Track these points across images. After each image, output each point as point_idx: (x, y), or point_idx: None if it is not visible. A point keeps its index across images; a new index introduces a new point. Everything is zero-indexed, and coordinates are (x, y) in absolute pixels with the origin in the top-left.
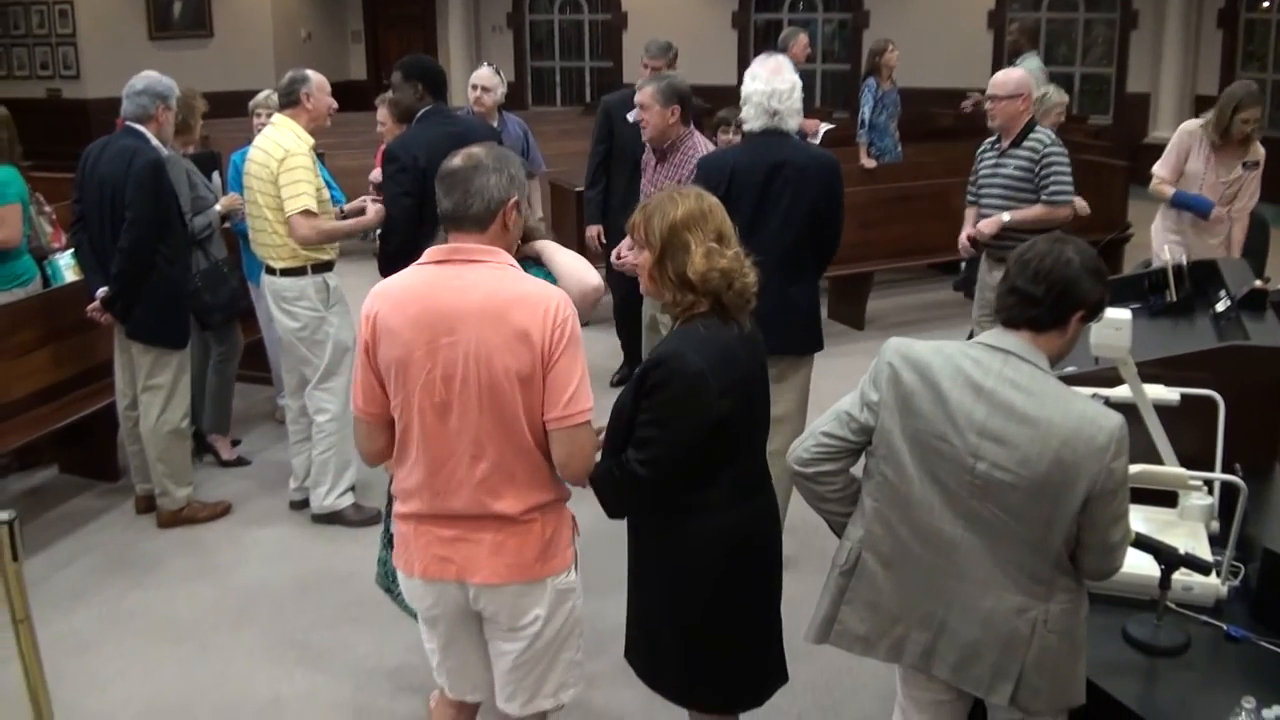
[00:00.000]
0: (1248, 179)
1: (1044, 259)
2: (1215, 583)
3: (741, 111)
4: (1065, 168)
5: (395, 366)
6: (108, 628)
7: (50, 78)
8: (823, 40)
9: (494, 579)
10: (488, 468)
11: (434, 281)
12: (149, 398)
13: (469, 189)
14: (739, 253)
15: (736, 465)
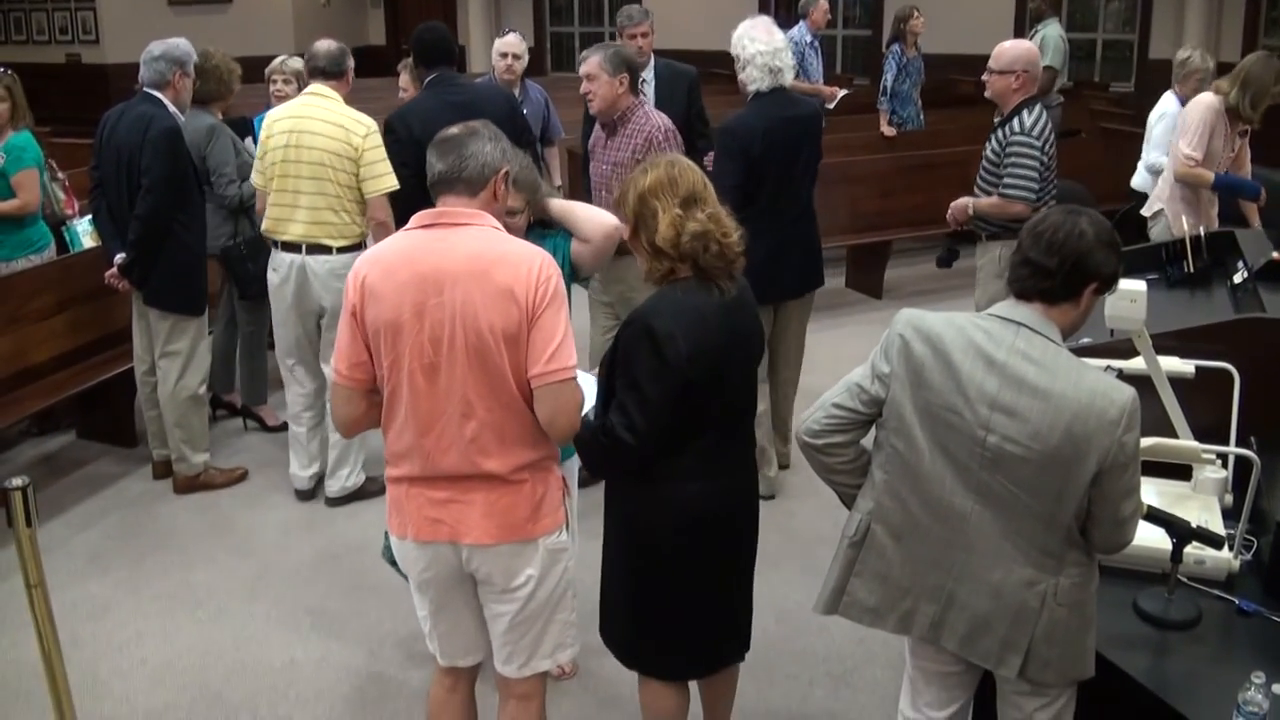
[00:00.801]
0: (1244, 147)
1: (1057, 231)
2: (1227, 556)
3: (742, 74)
4: (1028, 160)
5: (384, 329)
6: (124, 592)
7: (70, 43)
8: (844, 5)
9: (486, 539)
10: (476, 426)
11: (421, 245)
12: (167, 364)
13: (464, 152)
14: (717, 213)
15: (705, 438)
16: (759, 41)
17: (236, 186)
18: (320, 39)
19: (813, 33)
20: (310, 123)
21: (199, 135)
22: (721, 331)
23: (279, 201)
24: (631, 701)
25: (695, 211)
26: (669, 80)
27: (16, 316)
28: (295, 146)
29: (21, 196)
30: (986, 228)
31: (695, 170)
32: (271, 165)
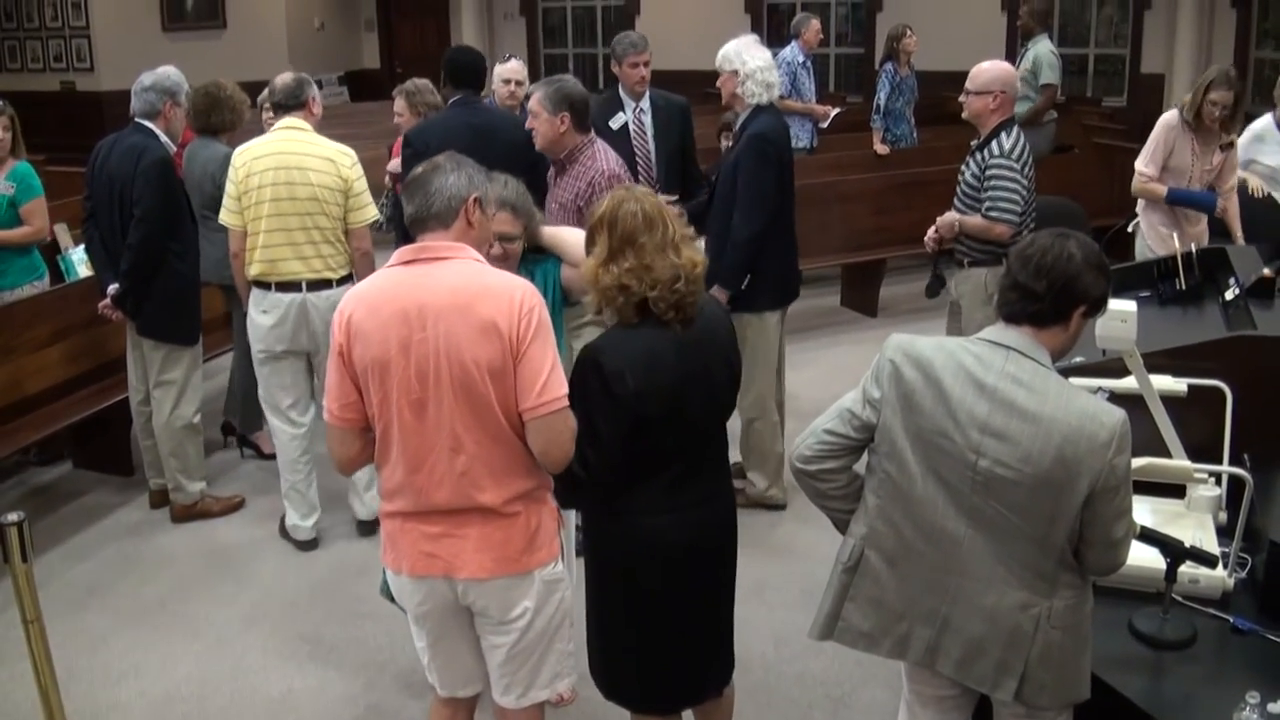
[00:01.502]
0: (1229, 160)
1: (1045, 254)
2: (1222, 575)
3: (741, 88)
4: (1009, 183)
5: (372, 367)
6: (121, 623)
7: (64, 70)
8: (836, 23)
9: (481, 573)
10: (467, 460)
11: (404, 281)
12: (161, 394)
13: (429, 189)
14: (646, 264)
15: (668, 471)
16: (757, 58)
17: None
18: (301, 70)
19: (805, 52)
20: (298, 158)
21: (213, 164)
22: (676, 367)
23: (272, 242)
24: None
25: (620, 262)
26: (666, 110)
27: (12, 346)
28: (287, 184)
29: (34, 224)
30: (969, 253)
31: (640, 214)
32: (258, 205)
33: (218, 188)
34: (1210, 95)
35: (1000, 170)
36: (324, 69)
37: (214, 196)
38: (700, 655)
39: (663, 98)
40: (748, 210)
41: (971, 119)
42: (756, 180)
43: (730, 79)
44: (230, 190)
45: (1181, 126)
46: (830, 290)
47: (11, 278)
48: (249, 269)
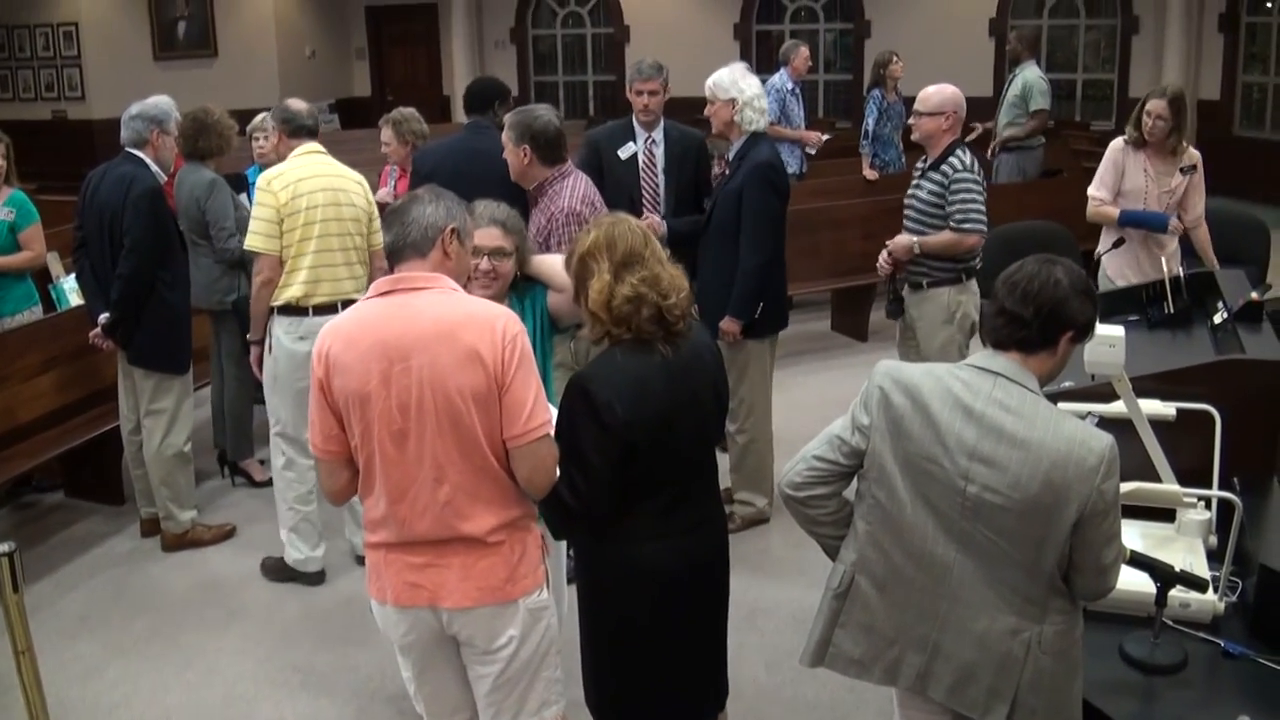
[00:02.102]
0: (1192, 183)
1: (1032, 280)
2: (1212, 599)
3: (738, 116)
4: (974, 194)
5: (352, 400)
6: (113, 653)
7: (55, 99)
8: (824, 50)
9: (466, 602)
10: (450, 490)
11: (382, 313)
12: (152, 422)
13: (405, 220)
14: (654, 275)
15: (657, 499)
16: (752, 86)
17: (236, 240)
18: (293, 97)
19: (794, 80)
20: (340, 180)
21: (200, 189)
22: (665, 394)
23: (322, 263)
24: None
25: (629, 275)
26: (679, 142)
27: (3, 375)
28: (335, 205)
29: (33, 249)
30: (928, 273)
31: (637, 231)
32: (307, 226)
33: (203, 212)
34: (1146, 106)
35: (965, 184)
36: (315, 96)
37: (200, 221)
38: (693, 682)
39: (678, 130)
40: (757, 239)
41: (923, 140)
42: (766, 209)
43: (726, 107)
44: (266, 215)
45: (1129, 147)
46: (820, 315)
47: (11, 305)
48: (285, 292)
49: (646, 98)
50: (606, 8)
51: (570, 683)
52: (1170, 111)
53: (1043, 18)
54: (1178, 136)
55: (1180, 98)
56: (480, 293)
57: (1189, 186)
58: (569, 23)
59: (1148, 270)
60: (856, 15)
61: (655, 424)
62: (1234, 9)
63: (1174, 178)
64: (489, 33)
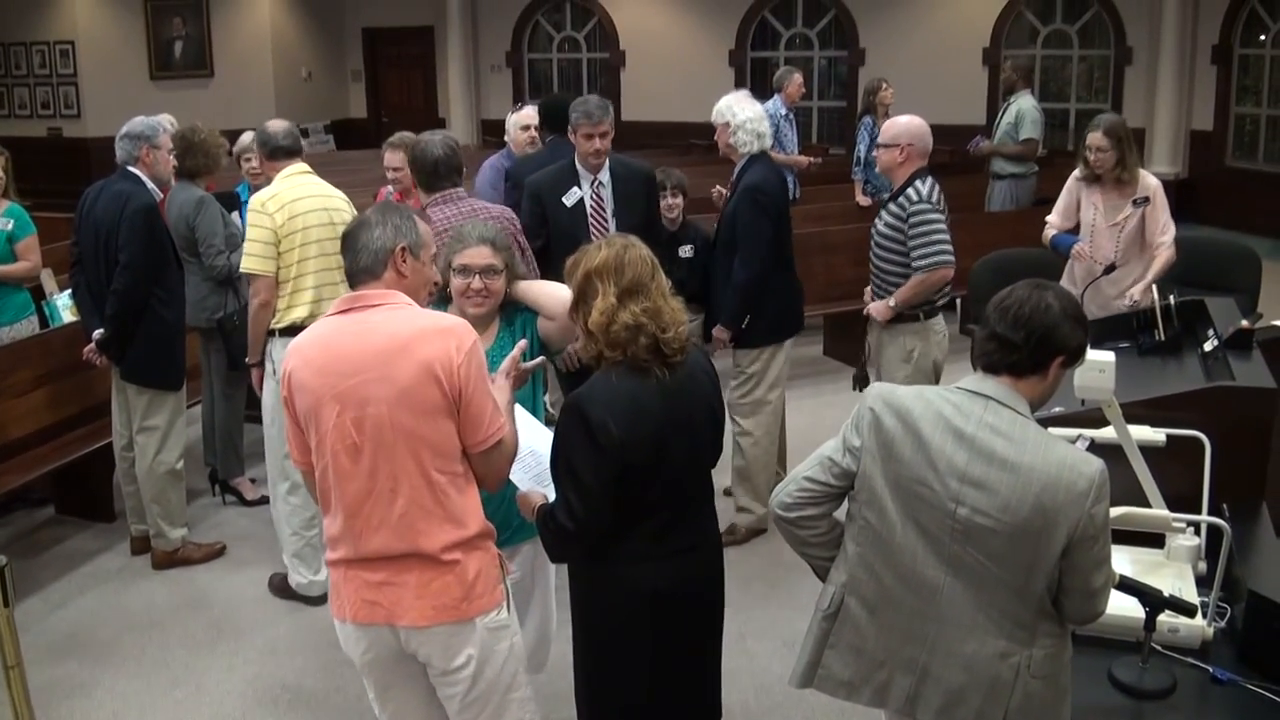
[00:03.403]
0: (1147, 213)
1: (1023, 305)
2: (1201, 625)
3: (732, 139)
4: (933, 226)
5: (309, 415)
6: (101, 670)
7: (51, 117)
8: (818, 77)
9: (422, 621)
10: (404, 504)
11: (338, 329)
12: (144, 439)
13: (355, 246)
14: (657, 307)
15: (652, 520)
16: (747, 110)
17: (225, 257)
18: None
19: (788, 106)
20: (331, 199)
21: (188, 207)
22: (660, 415)
23: (325, 282)
24: None
25: (633, 303)
26: (626, 180)
27: None
28: (330, 225)
29: (31, 259)
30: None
31: (648, 260)
32: (304, 246)
33: (192, 230)
34: (1086, 140)
35: (922, 218)
36: (311, 118)
37: (189, 239)
38: (686, 704)
39: (623, 166)
40: (745, 257)
41: (883, 172)
42: (754, 229)
43: (723, 131)
44: (262, 236)
45: (1083, 184)
46: (813, 340)
47: (9, 314)
48: (289, 314)
49: (599, 141)
50: (602, 33)
51: (564, 703)
52: (1109, 142)
53: (1036, 48)
54: (1123, 166)
55: (1117, 127)
56: (474, 311)
57: (1144, 216)
58: (565, 47)
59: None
60: (851, 43)
61: (650, 445)
62: (1227, 41)
63: (1123, 210)
64: (485, 56)
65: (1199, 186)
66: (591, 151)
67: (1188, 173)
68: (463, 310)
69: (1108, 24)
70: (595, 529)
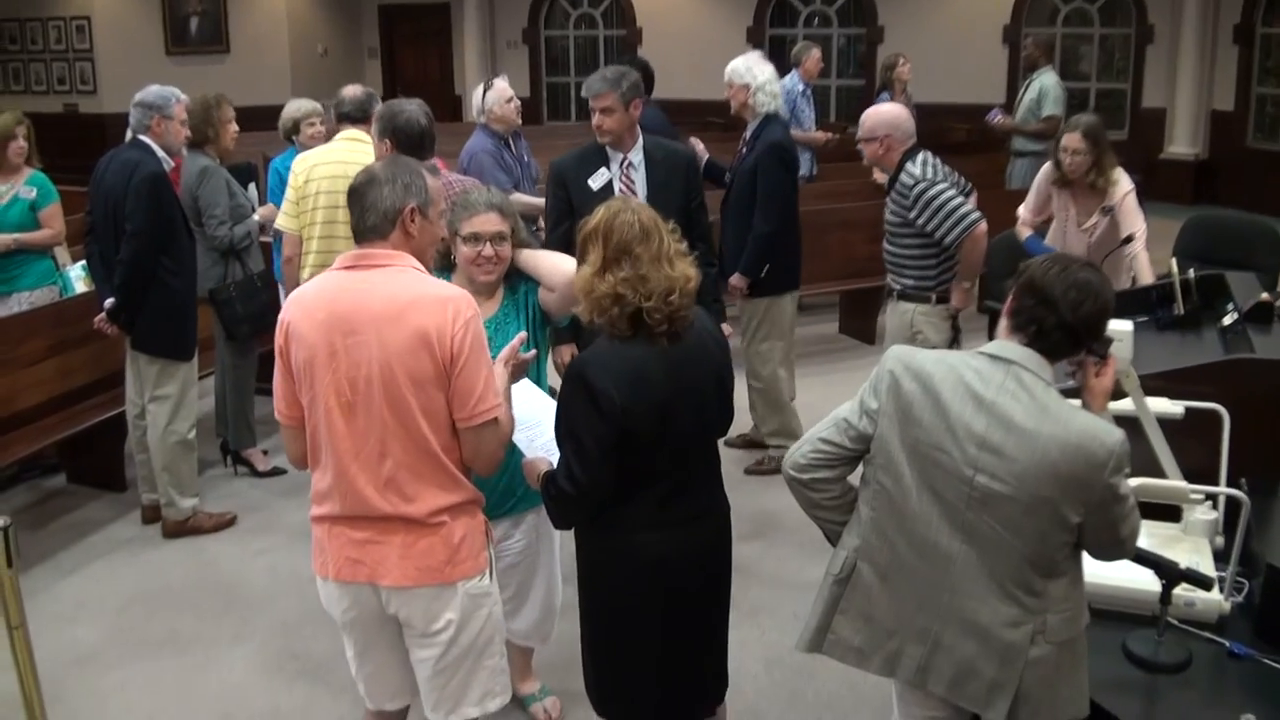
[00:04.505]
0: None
1: (1096, 301)
2: (1218, 599)
3: (752, 99)
4: (942, 198)
5: (304, 369)
6: (110, 638)
7: (68, 92)
8: (837, 56)
9: (404, 581)
10: (393, 466)
11: (341, 285)
12: (156, 408)
13: (364, 204)
14: (641, 275)
15: (656, 488)
16: (764, 72)
17: (227, 228)
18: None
19: (805, 82)
20: (354, 167)
21: (191, 177)
22: (664, 383)
23: (326, 248)
24: None
25: (615, 271)
26: (663, 164)
27: (7, 360)
28: (341, 192)
29: (54, 227)
30: (902, 286)
31: (639, 223)
32: (314, 210)
33: (194, 199)
34: (1062, 142)
35: (925, 193)
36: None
37: (193, 209)
38: (691, 673)
39: (660, 148)
40: (768, 210)
41: (872, 164)
42: (778, 184)
43: (741, 91)
44: (289, 195)
45: (1055, 186)
46: (829, 317)
47: (31, 280)
48: (303, 272)
49: (599, 117)
50: (619, 9)
51: (571, 673)
52: (1087, 144)
53: (1057, 25)
54: (1097, 171)
55: (1095, 129)
56: (484, 278)
57: (1111, 223)
58: (581, 24)
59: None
60: (869, 21)
61: (653, 412)
62: (1249, 21)
63: (1092, 217)
64: (501, 32)
65: (1219, 167)
66: (595, 129)
67: (1208, 153)
68: (471, 278)
69: (1129, 2)
70: (595, 494)
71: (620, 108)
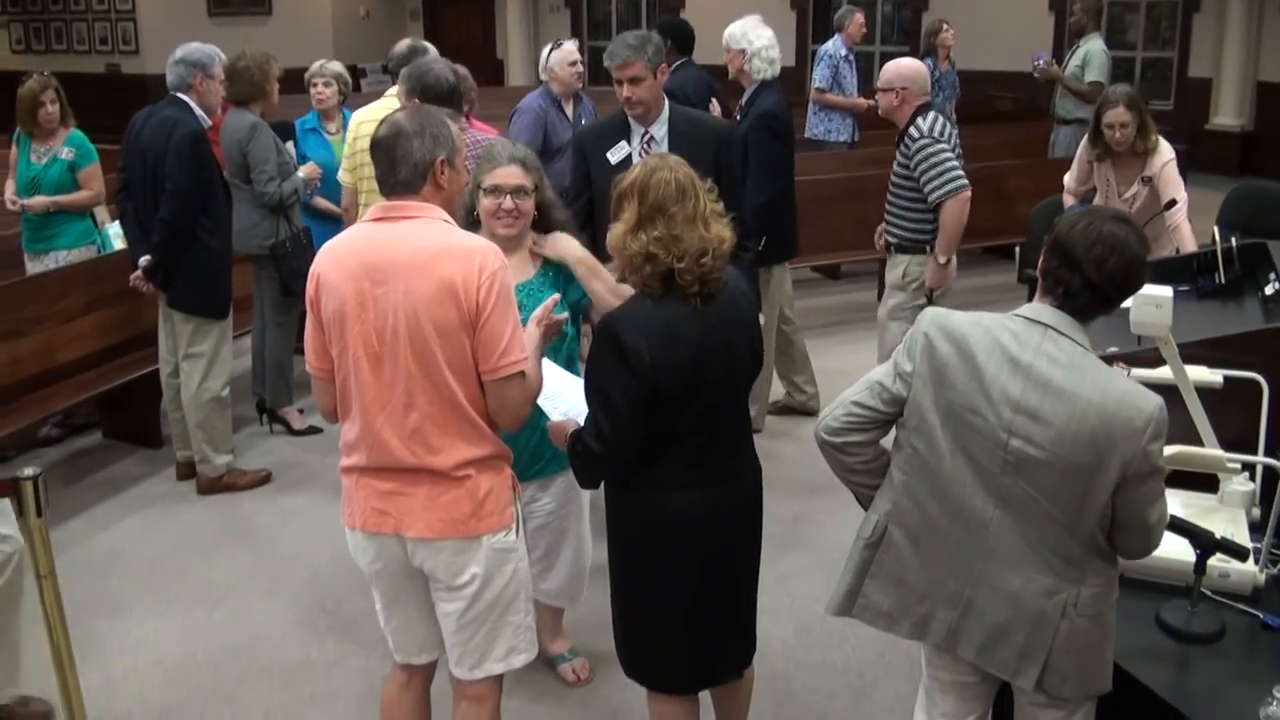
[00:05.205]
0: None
1: (1120, 256)
2: (1253, 570)
3: (748, 65)
4: (939, 155)
5: (334, 319)
6: (142, 590)
7: (109, 53)
8: (881, 23)
9: (429, 533)
10: (418, 418)
11: (371, 236)
12: (190, 366)
13: (394, 157)
14: (674, 235)
15: (684, 447)
16: (762, 37)
17: (276, 184)
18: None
19: (848, 46)
20: None
21: (240, 132)
22: (696, 342)
23: (372, 202)
24: (645, 710)
25: (649, 230)
26: (689, 137)
27: (44, 316)
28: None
29: (93, 188)
30: (897, 239)
31: (675, 182)
32: (364, 165)
33: (243, 155)
34: (1105, 119)
35: (926, 149)
36: (368, 57)
37: (242, 165)
38: (719, 634)
39: (689, 122)
40: (761, 182)
41: (886, 115)
42: (768, 155)
43: (737, 57)
44: (347, 150)
45: (1094, 158)
46: (867, 285)
47: (69, 239)
48: None
49: (628, 88)
50: None
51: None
52: (1131, 115)
53: None
54: (1143, 137)
55: (1135, 99)
56: (504, 232)
57: (1152, 193)
58: None
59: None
60: None
61: (683, 371)
62: None
63: (1132, 187)
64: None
65: (1265, 139)
66: (622, 101)
67: (1254, 125)
68: (492, 231)
69: None
70: (622, 452)
71: (649, 75)
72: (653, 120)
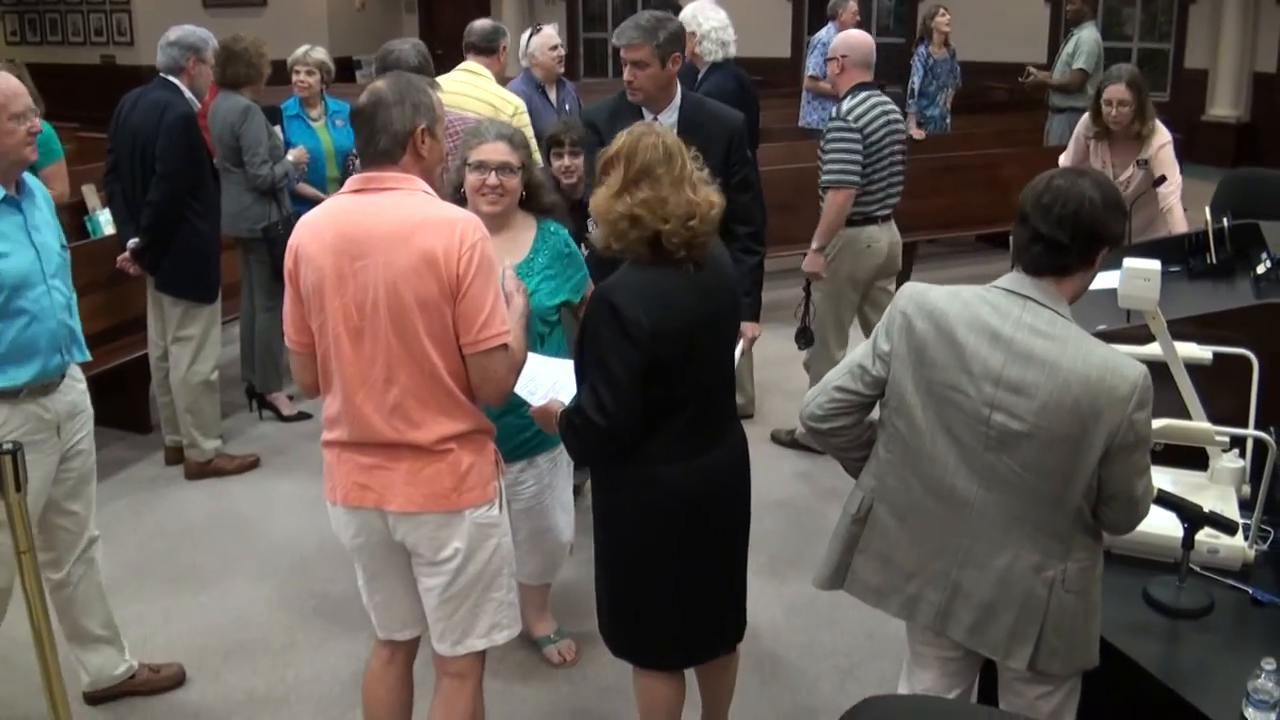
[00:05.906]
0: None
1: (1067, 202)
2: (1242, 545)
3: (699, 48)
4: (845, 144)
5: (313, 293)
6: (129, 573)
7: (104, 44)
8: (878, 13)
9: (410, 507)
10: (399, 393)
11: (348, 208)
12: (179, 349)
13: (374, 126)
14: (659, 197)
15: (676, 419)
16: (712, 19)
17: (269, 167)
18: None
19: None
20: (461, 99)
21: (234, 115)
22: (689, 310)
23: None
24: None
25: (635, 192)
26: (699, 127)
27: None
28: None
29: (55, 188)
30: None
31: (663, 145)
32: None
33: (236, 138)
34: (1105, 94)
35: (833, 134)
36: (363, 49)
37: (234, 148)
38: (716, 606)
39: (700, 111)
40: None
41: (831, 84)
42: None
43: (689, 39)
44: None
45: (1093, 136)
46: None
47: None
48: None
49: (630, 70)
50: None
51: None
52: (1131, 94)
53: None
54: (1140, 120)
55: (1138, 78)
56: (488, 209)
57: (1148, 176)
58: None
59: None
60: None
61: (681, 338)
62: None
63: (1128, 170)
64: None
65: (1261, 130)
66: (626, 84)
67: (1250, 116)
68: (477, 208)
69: None
70: (625, 425)
71: (655, 63)
72: (661, 108)
